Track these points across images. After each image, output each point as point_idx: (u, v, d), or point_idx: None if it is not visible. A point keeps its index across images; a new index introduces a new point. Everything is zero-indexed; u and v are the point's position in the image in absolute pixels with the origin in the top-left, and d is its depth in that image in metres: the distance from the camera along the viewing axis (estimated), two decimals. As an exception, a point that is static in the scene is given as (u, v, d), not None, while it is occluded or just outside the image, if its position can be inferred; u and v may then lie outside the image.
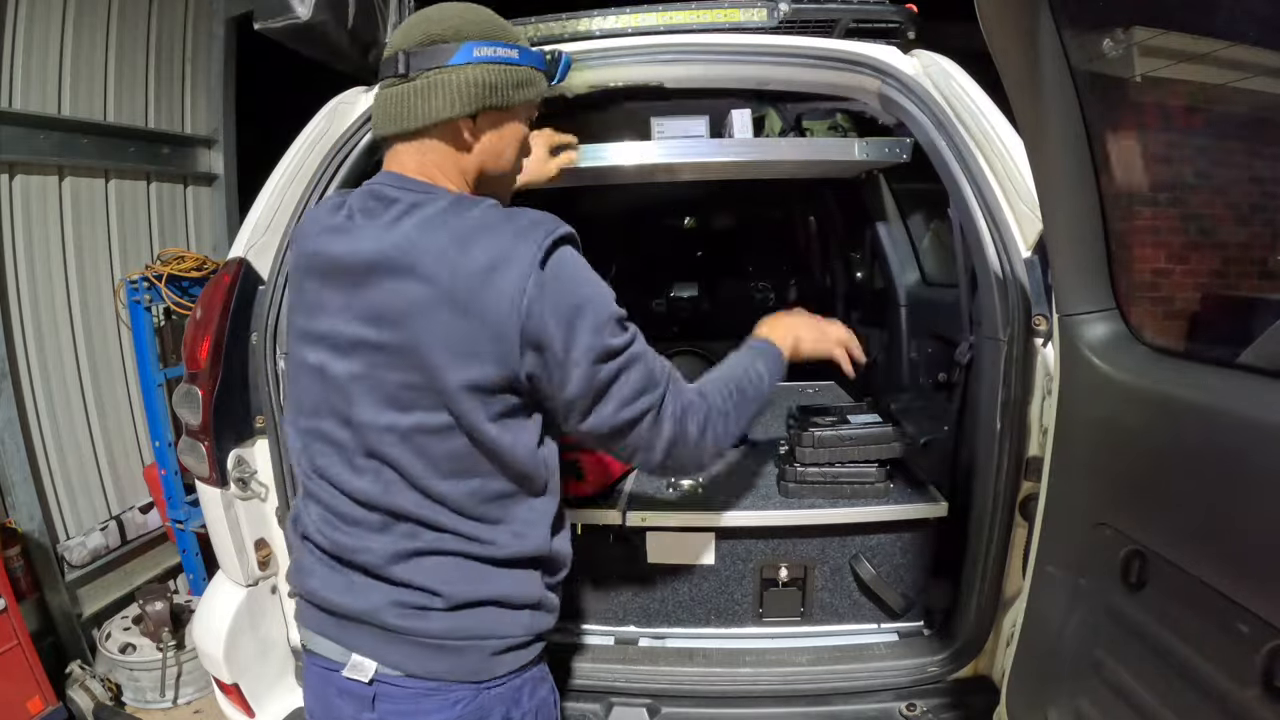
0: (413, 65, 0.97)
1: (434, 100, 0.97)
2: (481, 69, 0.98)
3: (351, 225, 0.99)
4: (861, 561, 1.56)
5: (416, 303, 0.90)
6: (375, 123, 1.03)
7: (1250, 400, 0.79)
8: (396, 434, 0.93)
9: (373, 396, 0.94)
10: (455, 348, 0.89)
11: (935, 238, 2.59)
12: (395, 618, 0.95)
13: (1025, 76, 0.96)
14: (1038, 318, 1.32)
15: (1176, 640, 0.90)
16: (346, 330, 0.96)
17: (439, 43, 0.97)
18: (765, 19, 1.70)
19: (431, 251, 0.90)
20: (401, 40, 0.99)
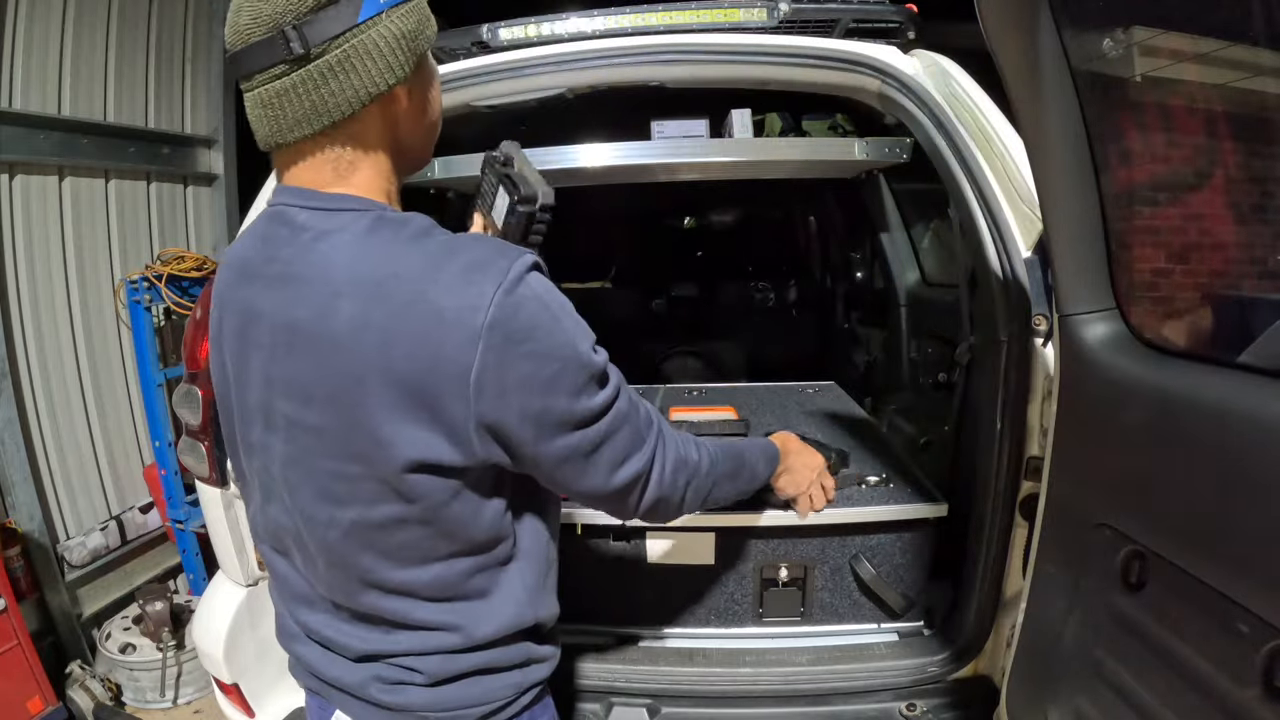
0: (311, 38, 0.71)
1: (360, 73, 0.74)
2: (396, 14, 0.76)
3: (263, 266, 0.79)
4: (861, 561, 1.56)
5: (344, 375, 0.72)
6: (268, 130, 0.76)
7: (1250, 400, 0.79)
8: (339, 529, 0.79)
9: (308, 486, 0.79)
10: (397, 427, 0.72)
11: (935, 238, 2.59)
12: (376, 692, 0.85)
13: (1025, 76, 0.96)
14: (1038, 318, 1.32)
15: (1176, 640, 0.90)
16: (274, 404, 0.79)
17: (340, 0, 0.72)
18: (765, 19, 1.70)
19: (354, 312, 0.71)
20: (271, 11, 0.71)
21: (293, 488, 0.81)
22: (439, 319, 0.70)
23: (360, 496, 0.77)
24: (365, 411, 0.72)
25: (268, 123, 0.76)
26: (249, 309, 0.80)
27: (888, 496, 1.58)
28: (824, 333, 3.91)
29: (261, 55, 0.73)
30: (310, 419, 0.76)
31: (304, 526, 0.82)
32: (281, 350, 0.77)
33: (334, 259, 0.74)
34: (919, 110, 1.55)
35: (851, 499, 1.57)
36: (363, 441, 0.74)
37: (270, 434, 0.81)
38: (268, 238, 0.80)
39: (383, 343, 0.71)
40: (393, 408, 0.72)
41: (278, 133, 0.77)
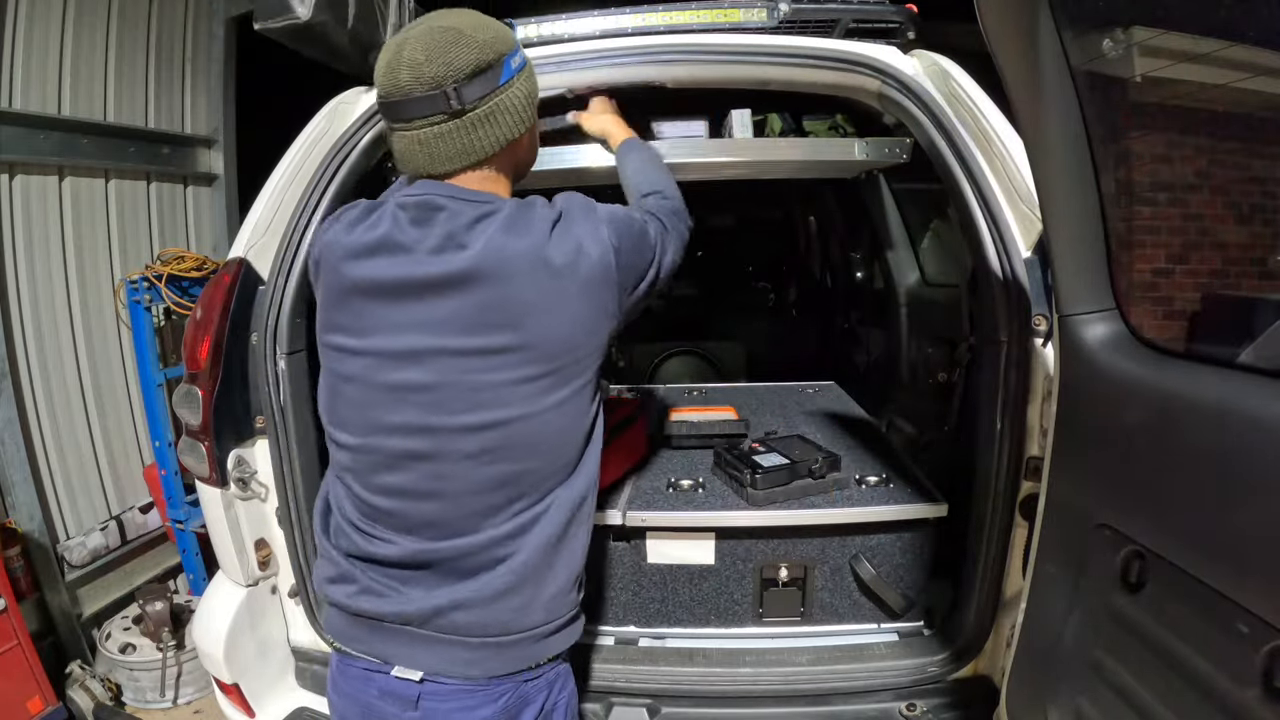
0: (465, 97, 0.94)
1: (501, 125, 0.99)
2: (522, 79, 1.01)
3: (406, 240, 0.97)
4: (861, 561, 1.56)
5: (527, 303, 0.93)
6: (425, 163, 0.99)
7: (1250, 400, 0.79)
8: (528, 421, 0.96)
9: (463, 400, 0.95)
10: (584, 324, 0.96)
11: (935, 238, 2.59)
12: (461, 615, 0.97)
13: (1025, 76, 0.96)
14: (1038, 318, 1.32)
15: (1176, 640, 0.90)
16: (427, 342, 0.96)
17: (488, 68, 0.96)
18: (765, 19, 1.70)
19: (525, 256, 0.93)
20: (435, 74, 0.93)
21: (439, 407, 0.96)
22: (581, 240, 0.97)
23: (527, 394, 0.95)
24: (556, 323, 0.95)
25: (423, 157, 0.99)
26: (393, 274, 0.97)
27: (888, 496, 1.58)
28: (824, 333, 3.91)
29: (424, 106, 0.95)
30: (494, 341, 0.94)
31: (443, 439, 0.96)
32: (445, 295, 0.94)
33: (494, 230, 0.95)
34: (919, 110, 1.55)
35: (851, 499, 1.57)
36: (559, 344, 0.95)
37: (407, 366, 0.96)
38: (416, 220, 0.98)
39: (551, 271, 0.94)
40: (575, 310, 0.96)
41: (431, 165, 1.00)
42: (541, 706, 1.04)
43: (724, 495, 1.62)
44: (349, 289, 1.00)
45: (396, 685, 0.98)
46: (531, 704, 1.02)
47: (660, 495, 1.64)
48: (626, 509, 1.56)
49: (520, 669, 1.00)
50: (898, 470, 1.70)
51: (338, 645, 1.05)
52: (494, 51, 0.96)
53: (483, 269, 0.93)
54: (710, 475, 1.73)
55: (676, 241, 1.14)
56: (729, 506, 1.57)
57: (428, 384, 0.96)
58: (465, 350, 0.94)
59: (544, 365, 0.95)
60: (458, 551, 0.98)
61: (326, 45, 1.54)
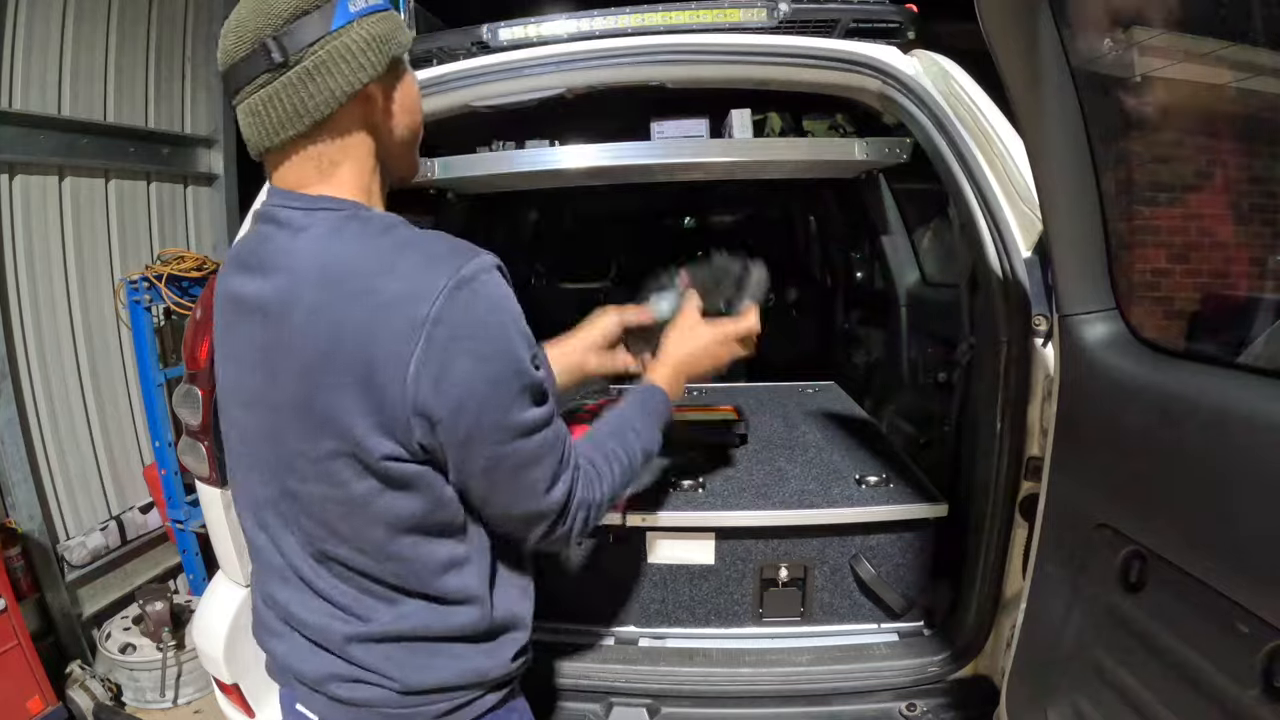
0: (289, 47, 0.78)
1: (335, 74, 0.80)
2: (366, 23, 0.82)
3: (249, 259, 0.86)
4: (861, 561, 1.56)
5: (302, 360, 0.77)
6: (256, 137, 0.82)
7: (1250, 400, 0.79)
8: (303, 501, 0.83)
9: (276, 458, 0.84)
10: (341, 413, 0.76)
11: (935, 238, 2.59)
12: (345, 692, 0.87)
13: (1025, 77, 0.96)
14: (1038, 318, 1.32)
15: (1176, 640, 0.90)
16: (247, 382, 0.85)
17: (310, 10, 0.79)
18: (765, 19, 1.70)
19: (312, 301, 0.76)
20: (254, 26, 0.78)
21: (264, 465, 0.86)
22: (385, 308, 0.74)
23: (312, 473, 0.80)
24: (317, 395, 0.77)
25: (256, 129, 0.82)
26: (237, 297, 0.86)
27: (888, 496, 1.58)
28: (824, 333, 3.90)
29: (248, 68, 0.80)
30: (275, 397, 0.81)
31: (289, 501, 0.85)
32: (257, 334, 0.82)
33: (303, 252, 0.80)
34: (919, 110, 1.55)
35: (851, 499, 1.57)
36: (314, 422, 0.78)
37: (246, 411, 0.87)
38: (258, 235, 0.86)
39: (333, 331, 0.75)
40: (341, 393, 0.75)
41: (265, 137, 0.82)
42: None
43: (724, 495, 1.62)
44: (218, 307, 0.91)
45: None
46: None
47: (660, 495, 1.64)
48: (626, 509, 1.56)
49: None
50: (898, 470, 1.69)
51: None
52: None
53: (274, 302, 0.79)
54: (710, 475, 1.73)
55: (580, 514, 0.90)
56: (729, 506, 1.57)
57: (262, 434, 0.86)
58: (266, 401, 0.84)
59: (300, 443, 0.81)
60: None
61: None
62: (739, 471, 1.75)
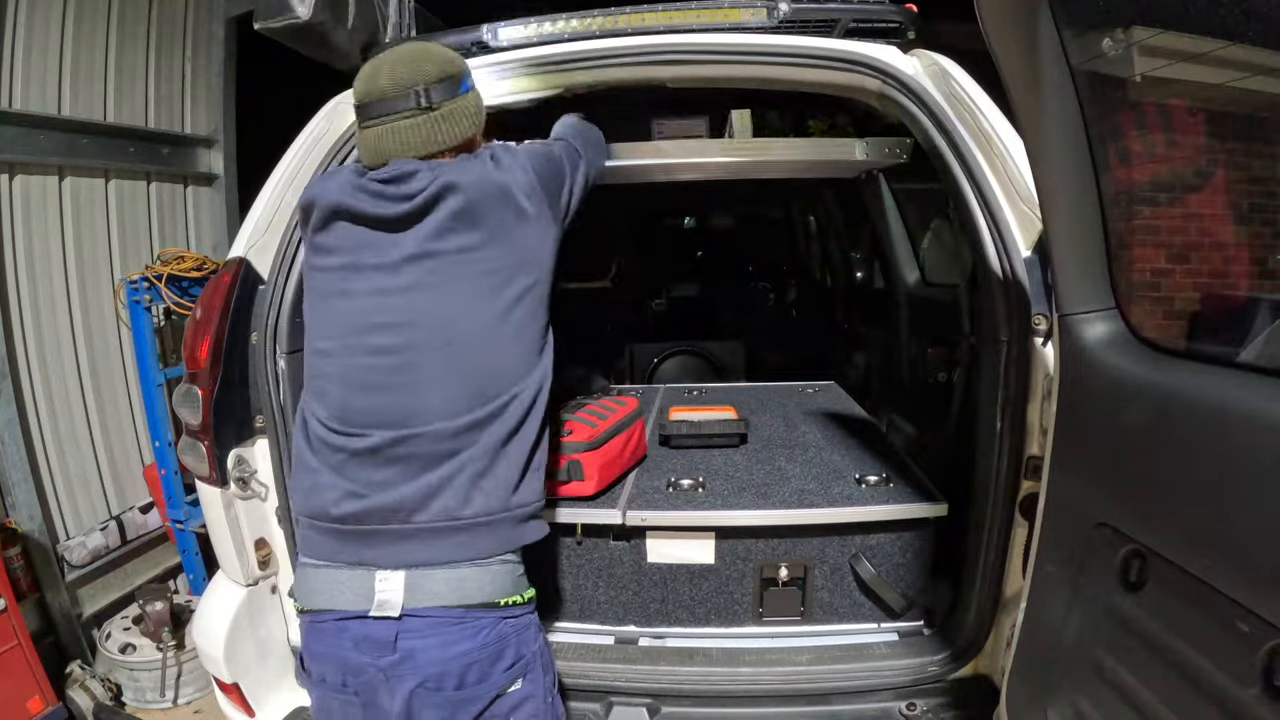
0: (434, 98, 1.17)
1: (461, 123, 1.22)
2: (475, 94, 1.27)
3: (384, 190, 1.15)
4: (861, 561, 1.56)
5: (485, 210, 1.14)
6: (392, 148, 1.17)
7: (1250, 400, 0.79)
8: (489, 315, 1.13)
9: (432, 299, 1.13)
10: (530, 227, 1.17)
11: (935, 238, 2.59)
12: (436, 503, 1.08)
13: (1025, 77, 0.96)
14: (1038, 318, 1.32)
15: (1176, 640, 0.90)
16: (404, 251, 1.15)
17: (451, 79, 1.20)
18: (765, 19, 1.70)
19: (478, 179, 1.16)
20: (409, 77, 1.17)
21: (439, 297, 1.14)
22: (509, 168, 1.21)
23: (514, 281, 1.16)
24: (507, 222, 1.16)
25: (394, 143, 1.18)
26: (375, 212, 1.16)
27: (888, 496, 1.58)
28: (824, 333, 3.91)
29: (399, 104, 1.17)
30: (458, 242, 1.14)
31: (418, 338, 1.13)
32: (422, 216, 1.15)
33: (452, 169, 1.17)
34: (919, 110, 1.55)
35: (851, 499, 1.57)
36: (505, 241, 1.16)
37: (399, 275, 1.15)
38: (393, 178, 1.17)
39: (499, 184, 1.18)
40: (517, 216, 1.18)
41: (399, 149, 1.18)
42: (518, 653, 1.10)
43: (724, 495, 1.62)
44: (334, 214, 1.19)
45: (373, 629, 1.03)
46: (509, 647, 1.09)
47: (660, 495, 1.64)
48: (626, 509, 1.57)
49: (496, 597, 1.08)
50: (898, 470, 1.70)
51: (306, 606, 1.11)
52: (455, 68, 1.22)
53: (447, 191, 1.14)
54: (710, 475, 1.73)
55: (584, 165, 1.40)
56: (729, 506, 1.57)
57: (403, 287, 1.14)
58: (436, 252, 1.14)
59: (501, 260, 1.15)
60: (427, 439, 1.09)
61: (326, 45, 1.55)
62: (739, 471, 1.75)
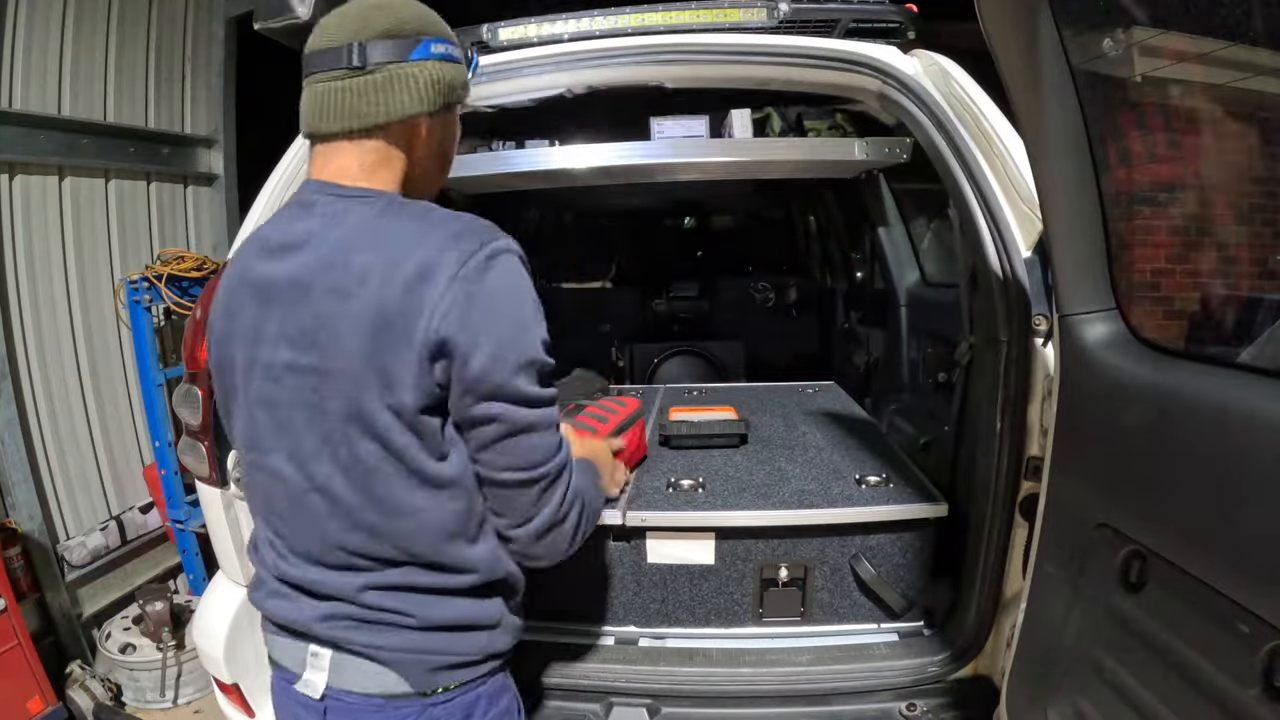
0: (370, 57, 0.89)
1: (398, 95, 0.91)
2: (439, 65, 0.94)
3: (283, 239, 0.92)
4: (861, 561, 1.56)
5: (344, 320, 0.84)
6: (313, 118, 0.92)
7: (1250, 400, 0.79)
8: (338, 467, 0.88)
9: (312, 429, 0.89)
10: (381, 369, 0.83)
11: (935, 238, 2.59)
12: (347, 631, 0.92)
13: (1025, 77, 0.96)
14: (1038, 318, 1.32)
15: (1176, 640, 0.90)
16: (282, 356, 0.90)
17: (400, 36, 0.91)
18: (765, 19, 1.70)
19: (358, 265, 0.85)
20: (352, 28, 0.90)
21: (297, 432, 0.90)
22: (421, 271, 0.83)
23: (355, 435, 0.87)
24: (363, 354, 0.84)
25: (314, 113, 0.92)
26: (263, 278, 0.92)
27: (888, 496, 1.58)
28: (824, 333, 3.91)
29: (329, 59, 0.90)
30: (315, 363, 0.87)
31: (307, 469, 0.91)
32: (292, 305, 0.88)
33: (348, 227, 0.89)
34: (919, 110, 1.55)
35: (851, 499, 1.57)
36: (358, 383, 0.85)
37: (275, 385, 0.91)
38: (289, 218, 0.94)
39: (380, 293, 0.83)
40: (383, 350, 0.84)
41: (320, 122, 0.92)
42: None
43: (724, 495, 1.62)
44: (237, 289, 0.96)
45: (305, 698, 0.95)
46: None
47: (660, 495, 1.64)
48: (626, 509, 1.56)
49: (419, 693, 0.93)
50: (898, 470, 1.69)
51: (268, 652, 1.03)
52: (413, 27, 0.92)
53: (318, 274, 0.86)
54: (710, 475, 1.73)
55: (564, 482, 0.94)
56: (729, 506, 1.57)
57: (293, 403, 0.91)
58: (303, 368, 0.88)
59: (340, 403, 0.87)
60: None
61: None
62: (739, 471, 1.75)
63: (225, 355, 0.96)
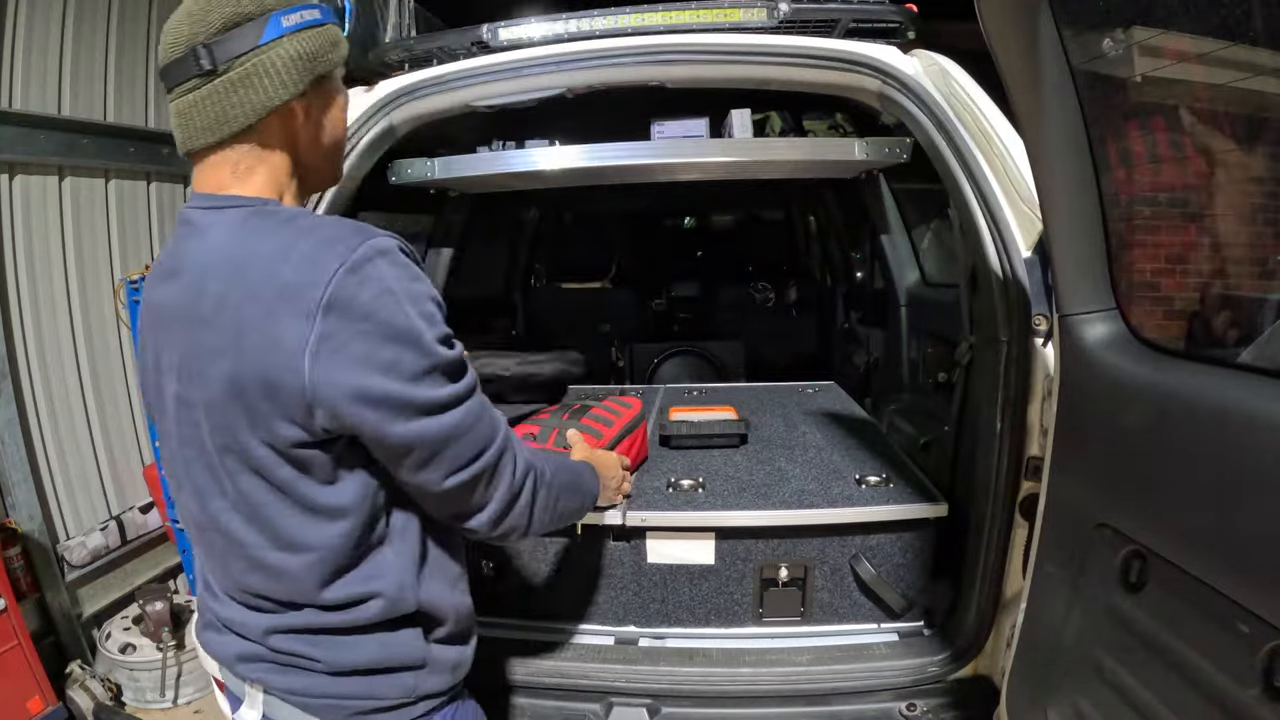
0: (218, 56, 0.80)
1: (258, 88, 0.82)
2: (296, 39, 0.84)
3: (166, 263, 0.87)
4: (861, 561, 1.56)
5: (211, 352, 0.78)
6: (182, 138, 0.85)
7: (1250, 400, 0.79)
8: (228, 503, 0.83)
9: (200, 464, 0.84)
10: (250, 402, 0.77)
11: (935, 238, 2.59)
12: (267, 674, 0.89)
13: (1025, 77, 0.96)
14: (1038, 318, 1.32)
15: (1176, 640, 0.90)
16: (167, 388, 0.85)
17: (243, 23, 0.81)
18: (765, 19, 1.70)
19: (217, 292, 0.78)
20: (189, 32, 0.81)
21: (189, 465, 0.85)
22: (281, 296, 0.75)
23: (233, 470, 0.81)
24: (225, 387, 0.78)
25: (182, 130, 0.84)
26: (156, 306, 0.87)
27: (888, 496, 1.58)
28: (824, 333, 3.91)
29: (179, 71, 0.82)
30: (192, 396, 0.82)
31: (200, 504, 0.86)
32: (177, 338, 0.83)
33: (209, 246, 0.82)
34: (919, 110, 1.55)
35: (851, 499, 1.57)
36: (226, 416, 0.79)
37: (168, 419, 0.87)
38: (175, 239, 0.88)
39: (237, 321, 0.76)
40: (245, 384, 0.77)
41: (190, 139, 0.84)
42: None
43: (724, 495, 1.62)
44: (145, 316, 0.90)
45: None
46: None
47: (660, 495, 1.64)
48: (626, 509, 1.56)
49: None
50: (898, 470, 1.69)
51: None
52: (257, 5, 0.82)
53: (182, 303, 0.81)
54: (710, 475, 1.73)
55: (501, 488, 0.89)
56: (729, 506, 1.57)
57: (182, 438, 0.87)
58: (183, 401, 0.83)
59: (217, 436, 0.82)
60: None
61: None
62: (739, 471, 1.75)
63: (144, 385, 0.93)
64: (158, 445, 0.95)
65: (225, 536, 0.86)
